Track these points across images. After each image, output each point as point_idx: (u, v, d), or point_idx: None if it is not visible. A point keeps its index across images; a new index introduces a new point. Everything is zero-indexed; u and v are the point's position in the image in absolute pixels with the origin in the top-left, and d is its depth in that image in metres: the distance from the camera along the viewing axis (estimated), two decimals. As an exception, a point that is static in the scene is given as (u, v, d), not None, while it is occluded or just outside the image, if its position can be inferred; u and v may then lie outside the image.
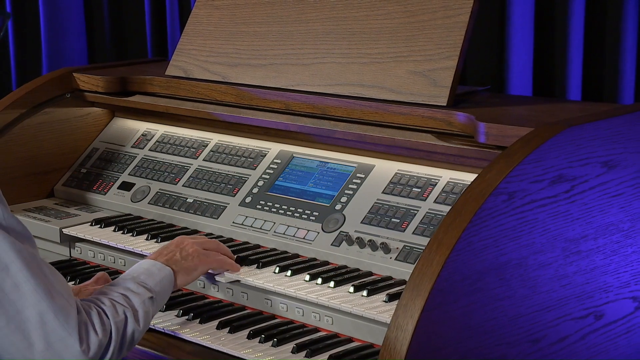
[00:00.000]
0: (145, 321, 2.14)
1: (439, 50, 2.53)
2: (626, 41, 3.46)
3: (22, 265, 1.94)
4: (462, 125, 2.39)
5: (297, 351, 2.18)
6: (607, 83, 3.55)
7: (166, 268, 2.27)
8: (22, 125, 3.01)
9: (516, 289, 2.07)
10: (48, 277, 1.97)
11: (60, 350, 1.95)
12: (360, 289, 2.28)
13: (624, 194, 2.32)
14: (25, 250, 1.95)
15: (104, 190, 2.99)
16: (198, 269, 2.36)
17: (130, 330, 2.08)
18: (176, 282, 2.29)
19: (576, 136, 2.18)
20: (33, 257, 1.97)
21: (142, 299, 2.14)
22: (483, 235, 1.98)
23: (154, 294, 2.19)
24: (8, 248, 1.93)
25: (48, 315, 1.94)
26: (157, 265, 2.27)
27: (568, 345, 2.23)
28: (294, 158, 2.75)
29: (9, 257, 1.93)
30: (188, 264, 2.33)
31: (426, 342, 1.89)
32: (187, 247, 2.36)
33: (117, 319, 2.06)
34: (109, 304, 2.07)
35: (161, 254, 2.32)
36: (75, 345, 1.95)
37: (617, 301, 2.35)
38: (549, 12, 3.60)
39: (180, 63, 2.97)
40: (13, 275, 1.93)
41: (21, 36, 4.82)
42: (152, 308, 2.18)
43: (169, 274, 2.27)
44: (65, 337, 1.94)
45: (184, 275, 2.32)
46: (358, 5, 2.69)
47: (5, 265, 1.93)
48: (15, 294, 1.93)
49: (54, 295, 1.95)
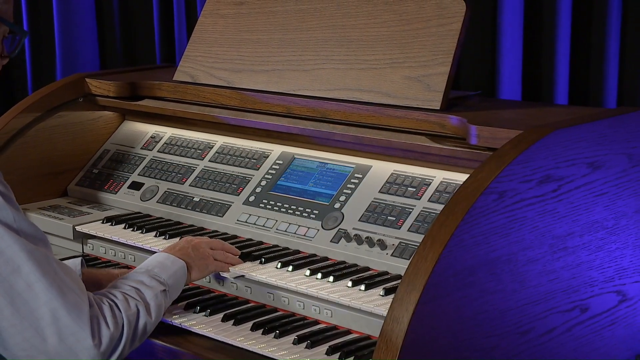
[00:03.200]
0: (158, 314, 2.13)
1: (432, 57, 2.53)
2: (610, 49, 3.46)
3: (34, 265, 1.93)
4: (455, 128, 2.38)
5: (298, 342, 2.17)
6: (592, 88, 3.55)
7: (179, 261, 2.26)
8: (37, 128, 3.00)
9: (506, 284, 2.07)
10: (60, 275, 1.96)
11: (72, 344, 1.94)
12: (358, 284, 2.27)
13: (608, 193, 2.32)
14: (37, 251, 1.95)
15: (115, 189, 2.98)
16: (209, 267, 2.36)
17: (142, 323, 2.07)
18: (190, 276, 2.29)
19: (563, 138, 2.18)
20: (45, 256, 1.96)
21: (155, 292, 2.14)
22: (475, 232, 1.98)
23: (166, 287, 2.18)
24: (19, 249, 1.93)
25: (60, 312, 1.93)
26: (171, 258, 2.26)
27: (555, 336, 2.22)
28: (295, 159, 2.74)
29: (20, 258, 1.92)
30: (201, 261, 2.33)
31: (421, 333, 1.88)
32: (197, 245, 2.35)
33: (129, 312, 2.05)
34: (122, 298, 2.06)
35: (174, 248, 2.32)
36: (87, 339, 1.94)
37: (602, 295, 2.35)
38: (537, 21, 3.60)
39: (187, 69, 2.96)
40: (25, 275, 1.93)
41: (37, 43, 4.82)
42: (165, 300, 2.17)
43: (182, 267, 2.26)
44: (78, 332, 1.94)
45: (197, 271, 2.32)
46: (356, 14, 2.69)
47: (18, 267, 1.92)
48: (28, 294, 1.93)
49: (66, 292, 1.95)
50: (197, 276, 2.33)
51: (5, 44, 2.09)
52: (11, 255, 1.92)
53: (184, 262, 2.27)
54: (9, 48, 2.09)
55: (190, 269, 2.29)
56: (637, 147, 2.39)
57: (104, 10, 4.67)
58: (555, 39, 3.55)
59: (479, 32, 3.67)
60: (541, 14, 3.60)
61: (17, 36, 2.09)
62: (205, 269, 2.35)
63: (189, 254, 2.31)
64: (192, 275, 2.30)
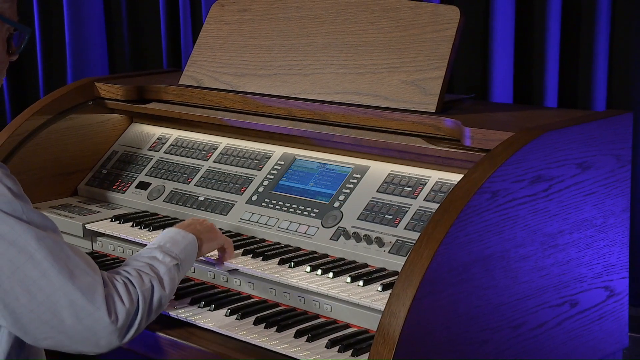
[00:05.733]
0: (172, 287, 2.12)
1: (428, 62, 2.52)
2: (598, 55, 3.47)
3: (46, 252, 1.92)
4: (450, 130, 2.38)
5: (299, 336, 2.17)
6: (581, 92, 3.55)
7: (190, 235, 2.26)
8: (49, 130, 3.00)
9: (499, 280, 2.07)
10: (73, 259, 1.95)
11: (90, 324, 1.93)
12: (357, 280, 2.27)
13: (596, 192, 2.31)
14: (48, 238, 1.94)
15: (123, 189, 2.98)
16: (217, 239, 2.36)
17: (157, 297, 2.06)
18: (201, 250, 2.29)
19: (553, 140, 2.17)
20: (56, 242, 1.95)
21: (168, 267, 2.13)
22: (469, 230, 1.97)
23: (179, 261, 2.18)
24: (30, 238, 1.92)
25: (75, 294, 1.92)
26: (182, 233, 2.26)
27: (546, 330, 2.22)
28: (296, 160, 2.74)
29: (32, 246, 1.92)
30: (209, 235, 2.33)
31: (417, 327, 1.88)
32: (204, 221, 2.37)
33: (144, 287, 2.04)
34: (135, 274, 2.06)
35: (182, 224, 2.32)
36: (104, 318, 1.94)
37: (591, 290, 2.34)
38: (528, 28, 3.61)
39: (192, 73, 2.96)
40: (39, 263, 1.92)
41: (48, 49, 4.83)
42: (178, 274, 2.17)
43: (192, 241, 2.26)
44: (94, 312, 1.93)
45: (207, 244, 2.32)
46: (355, 20, 2.68)
47: (31, 255, 1.91)
48: (43, 280, 1.92)
49: (78, 275, 1.94)
50: (207, 249, 2.33)
51: (13, 41, 2.09)
52: (24, 244, 1.91)
53: (194, 236, 2.27)
54: (16, 44, 2.10)
55: (201, 243, 2.29)
56: (624, 148, 2.39)
57: (113, 17, 4.68)
58: (546, 45, 3.55)
59: (473, 38, 3.68)
60: (532, 21, 3.60)
61: (23, 34, 2.09)
62: (213, 241, 2.35)
63: (197, 229, 2.32)
64: (202, 249, 2.30)
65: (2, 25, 2.05)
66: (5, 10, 2.05)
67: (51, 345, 1.97)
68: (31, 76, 4.91)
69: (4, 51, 2.07)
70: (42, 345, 1.98)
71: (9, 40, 2.08)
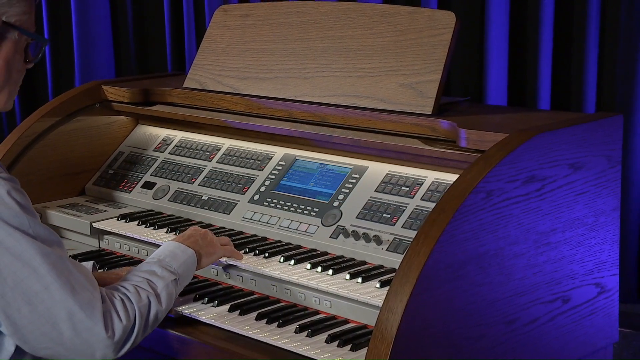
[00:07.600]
0: (169, 302, 2.12)
1: (424, 65, 2.52)
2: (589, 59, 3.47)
3: (49, 267, 1.93)
4: (446, 132, 2.37)
5: (300, 331, 2.17)
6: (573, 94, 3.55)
7: (189, 250, 2.26)
8: (57, 132, 3.00)
9: (493, 276, 2.06)
10: (74, 275, 1.96)
11: (87, 337, 1.94)
12: (356, 276, 2.27)
13: (588, 192, 2.31)
14: (53, 253, 1.95)
15: (129, 189, 2.98)
16: (216, 253, 2.35)
17: (153, 312, 2.06)
18: (200, 263, 2.28)
19: (546, 141, 2.17)
20: (59, 258, 1.96)
21: (166, 282, 2.13)
22: (464, 228, 1.97)
23: (177, 276, 2.17)
24: (35, 253, 1.93)
25: (74, 309, 1.93)
26: (181, 247, 2.25)
27: (539, 326, 2.22)
28: (296, 160, 2.74)
29: (36, 261, 1.92)
30: (209, 249, 2.32)
31: (414, 323, 1.88)
32: (205, 234, 2.35)
33: (141, 303, 2.04)
34: (133, 290, 2.06)
35: (183, 237, 2.31)
36: (101, 333, 1.94)
37: (582, 287, 2.34)
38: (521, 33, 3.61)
39: (196, 76, 2.96)
40: (42, 277, 1.92)
41: (57, 53, 4.83)
42: (176, 289, 2.17)
43: (192, 255, 2.25)
44: (92, 327, 1.94)
45: (206, 258, 2.31)
46: (353, 25, 2.68)
47: (34, 269, 1.92)
48: (45, 294, 1.93)
49: (79, 290, 1.94)
50: (206, 262, 2.32)
51: (30, 50, 2.11)
52: (28, 258, 1.92)
53: (193, 250, 2.26)
54: (33, 54, 2.11)
55: (200, 257, 2.29)
56: (615, 149, 2.39)
57: (120, 22, 4.68)
58: (539, 50, 3.55)
59: (468, 43, 3.68)
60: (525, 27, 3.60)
61: (39, 43, 2.11)
62: (213, 255, 2.34)
63: (198, 242, 2.31)
64: (201, 263, 2.30)
65: (21, 36, 2.06)
66: (24, 22, 2.06)
67: (49, 355, 1.98)
68: (40, 79, 4.91)
69: (22, 60, 2.09)
70: (40, 355, 1.99)
71: (26, 50, 2.10)
